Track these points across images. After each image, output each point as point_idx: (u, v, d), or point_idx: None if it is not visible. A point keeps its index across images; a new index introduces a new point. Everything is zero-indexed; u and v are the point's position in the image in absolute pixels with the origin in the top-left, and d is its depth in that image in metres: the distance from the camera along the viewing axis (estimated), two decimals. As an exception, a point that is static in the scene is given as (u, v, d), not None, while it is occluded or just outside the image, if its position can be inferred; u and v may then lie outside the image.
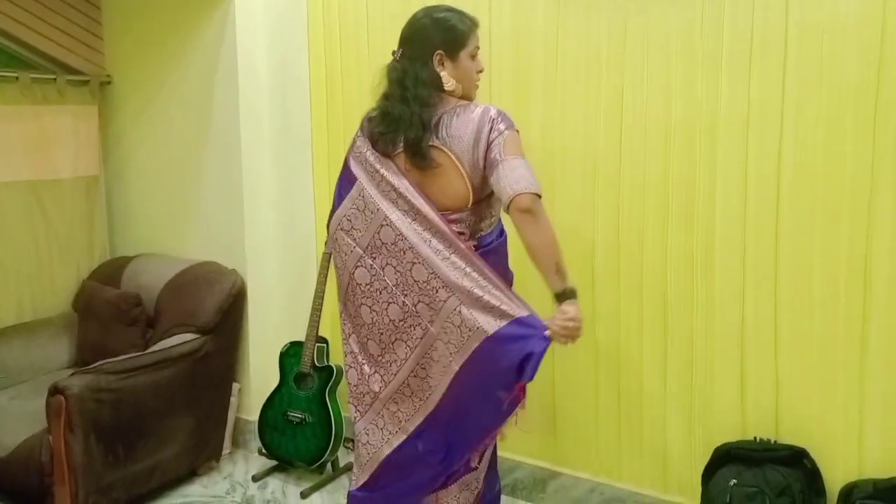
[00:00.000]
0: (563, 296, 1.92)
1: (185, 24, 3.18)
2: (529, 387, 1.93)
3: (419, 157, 1.95)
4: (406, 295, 1.98)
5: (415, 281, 1.96)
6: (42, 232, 3.35)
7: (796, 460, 2.18)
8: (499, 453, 2.80)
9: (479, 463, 2.21)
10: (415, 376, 2.04)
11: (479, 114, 1.95)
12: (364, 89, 2.92)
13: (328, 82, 3.09)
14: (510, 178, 1.89)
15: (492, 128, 1.93)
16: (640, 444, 2.53)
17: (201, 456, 2.97)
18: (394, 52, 2.06)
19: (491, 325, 1.88)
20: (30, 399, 2.78)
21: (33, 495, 2.58)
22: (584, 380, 2.61)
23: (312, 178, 3.16)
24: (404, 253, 1.96)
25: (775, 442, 2.25)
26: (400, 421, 2.08)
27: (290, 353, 2.94)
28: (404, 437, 2.08)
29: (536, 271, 1.97)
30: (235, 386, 3.14)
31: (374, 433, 2.13)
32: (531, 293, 2.07)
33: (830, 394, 2.19)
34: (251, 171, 3.12)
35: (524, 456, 2.77)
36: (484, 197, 2.04)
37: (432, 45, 1.99)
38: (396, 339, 2.03)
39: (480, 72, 2.07)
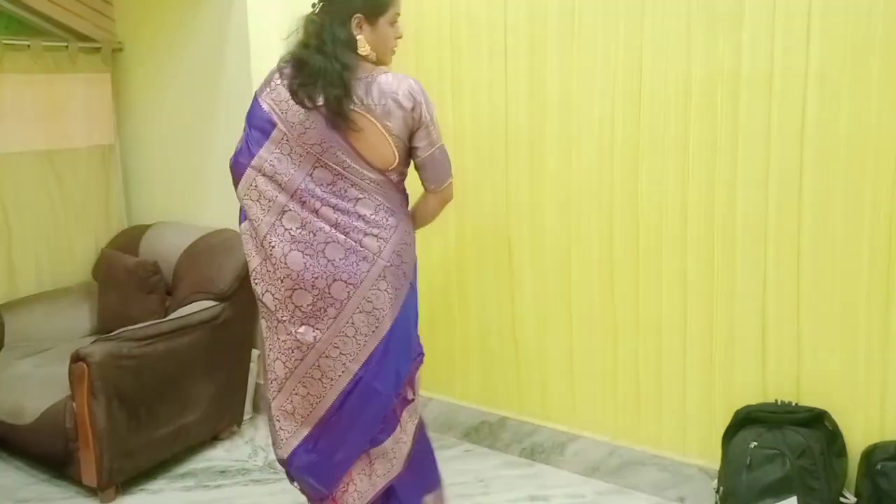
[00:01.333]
0: None
1: (196, -12, 3.14)
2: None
3: (341, 118, 1.85)
4: (346, 234, 1.90)
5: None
6: (59, 201, 3.37)
7: (817, 422, 2.17)
8: (517, 417, 2.83)
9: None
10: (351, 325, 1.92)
11: (404, 88, 1.87)
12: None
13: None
14: (445, 166, 1.97)
15: (423, 108, 1.89)
16: (659, 406, 2.53)
17: (223, 421, 3.01)
18: (314, 5, 1.97)
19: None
20: (53, 366, 2.81)
21: (59, 460, 2.64)
22: (603, 343, 2.61)
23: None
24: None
25: (796, 404, 2.24)
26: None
27: (308, 319, 2.94)
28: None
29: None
30: (254, 352, 3.16)
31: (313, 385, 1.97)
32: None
33: (852, 355, 2.17)
34: (265, 137, 3.10)
35: (543, 420, 2.78)
36: (401, 165, 1.97)
37: (352, 8, 1.90)
38: (336, 279, 1.90)
39: (399, 38, 2.00)
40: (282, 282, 1.92)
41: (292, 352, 1.96)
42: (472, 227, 2.82)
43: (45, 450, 2.68)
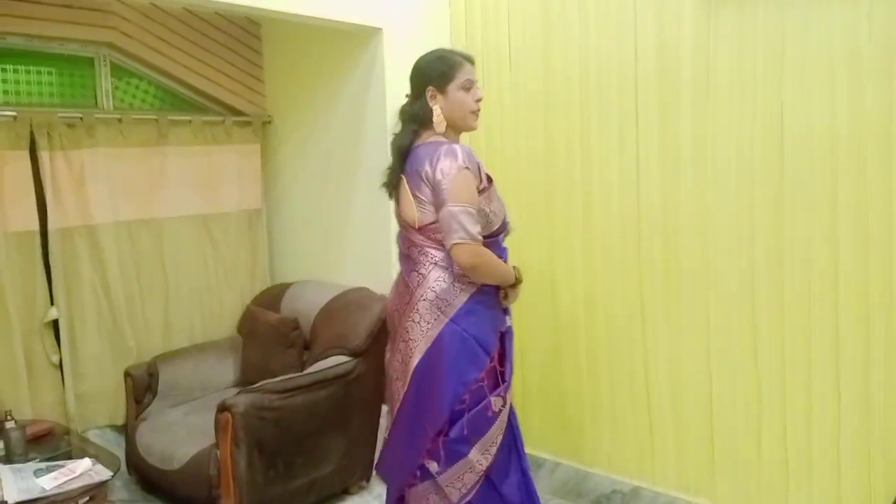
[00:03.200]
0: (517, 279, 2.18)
1: (339, 65, 3.37)
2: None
3: (388, 185, 2.22)
4: (404, 274, 2.24)
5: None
6: (211, 261, 3.64)
7: None
8: (651, 487, 2.71)
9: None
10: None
11: (431, 154, 2.06)
12: (507, 118, 3.00)
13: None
14: (451, 226, 2.01)
15: (437, 171, 2.03)
16: (810, 484, 2.34)
17: (353, 475, 3.06)
18: (406, 95, 2.24)
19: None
20: (200, 415, 2.99)
21: (202, 505, 2.77)
22: (746, 412, 2.47)
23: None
24: None
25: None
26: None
27: (437, 378, 2.98)
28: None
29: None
30: (384, 407, 3.22)
31: None
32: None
33: None
34: (399, 201, 3.23)
35: (680, 492, 2.64)
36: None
37: (424, 82, 2.17)
38: (394, 310, 2.26)
39: (479, 100, 2.17)
40: None
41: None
42: (603, 290, 2.78)
43: (190, 494, 2.81)
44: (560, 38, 2.79)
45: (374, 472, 3.16)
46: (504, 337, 2.18)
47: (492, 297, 2.14)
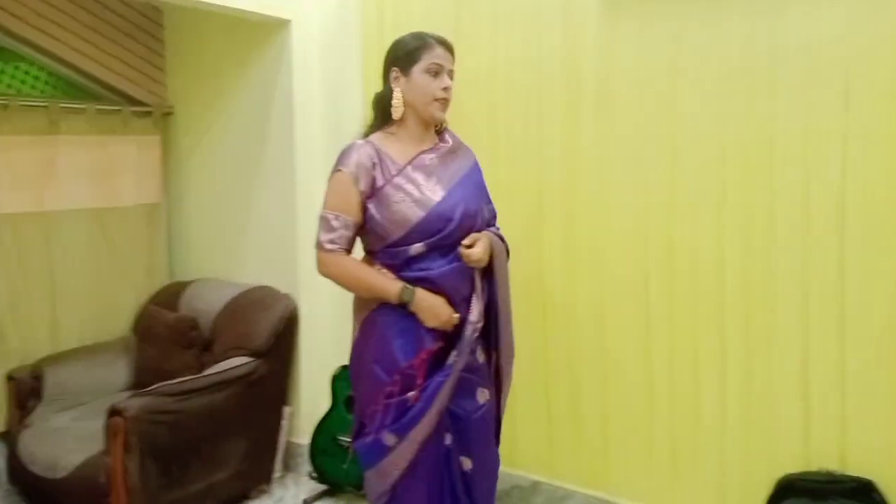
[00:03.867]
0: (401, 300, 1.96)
1: (244, 56, 3.28)
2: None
3: None
4: None
5: None
6: (105, 257, 3.46)
7: (863, 493, 2.09)
8: (550, 481, 2.77)
9: None
10: None
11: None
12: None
13: (380, 110, 3.13)
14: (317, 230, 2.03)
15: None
16: (696, 473, 2.45)
17: (253, 479, 2.99)
18: None
19: None
20: (89, 420, 2.84)
21: (92, 515, 2.64)
22: (638, 409, 2.56)
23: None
24: None
25: (840, 474, 2.15)
26: None
27: (342, 377, 2.95)
28: None
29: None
30: (287, 409, 3.17)
31: None
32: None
33: (899, 425, 2.09)
34: (305, 199, 3.18)
35: (577, 485, 2.71)
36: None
37: (390, 62, 2.03)
38: None
39: (445, 89, 2.00)
40: None
41: None
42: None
43: (78, 504, 2.69)
44: (470, 39, 2.81)
45: (274, 476, 3.10)
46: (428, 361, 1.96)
47: (394, 313, 1.98)
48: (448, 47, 2.02)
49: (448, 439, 2.02)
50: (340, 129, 3.22)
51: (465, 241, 1.98)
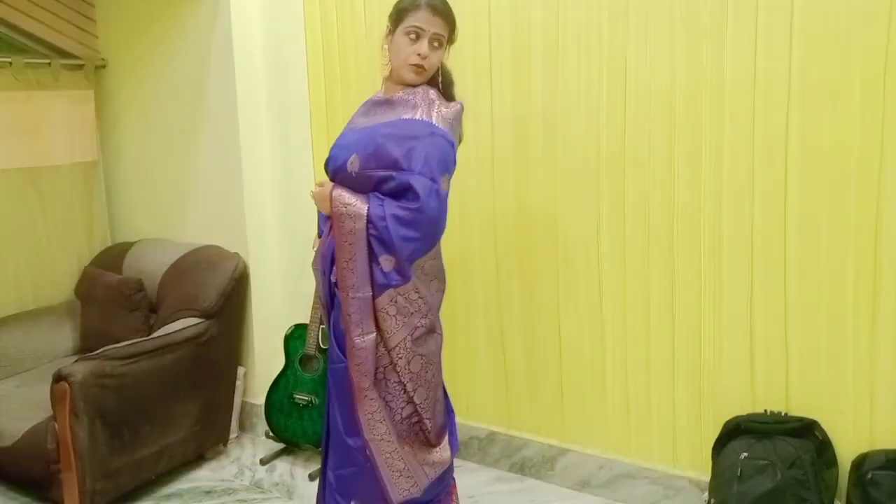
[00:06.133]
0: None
1: (180, 4, 3.12)
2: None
3: None
4: None
5: None
6: (40, 219, 3.32)
7: (807, 432, 2.17)
8: (506, 432, 2.81)
9: None
10: None
11: None
12: (362, 63, 2.92)
13: (325, 58, 3.04)
14: None
15: None
16: (649, 419, 2.51)
17: (208, 440, 2.96)
18: None
19: None
20: (34, 387, 2.77)
21: (40, 483, 2.58)
22: (591, 356, 2.60)
23: (312, 157, 3.12)
24: None
25: (786, 414, 2.23)
26: None
27: (295, 336, 2.92)
28: None
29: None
30: (241, 370, 3.13)
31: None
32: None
33: (840, 364, 2.17)
34: (250, 153, 3.09)
35: (532, 434, 2.76)
36: None
37: (389, 16, 2.03)
38: None
39: (420, 55, 1.95)
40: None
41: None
42: (460, 239, 2.81)
43: (25, 472, 2.62)
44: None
45: (231, 436, 3.08)
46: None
47: None
48: (438, 11, 1.95)
49: None
50: (284, 81, 3.12)
51: (316, 182, 2.08)
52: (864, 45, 2.02)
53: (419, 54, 1.95)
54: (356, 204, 1.90)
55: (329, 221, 1.99)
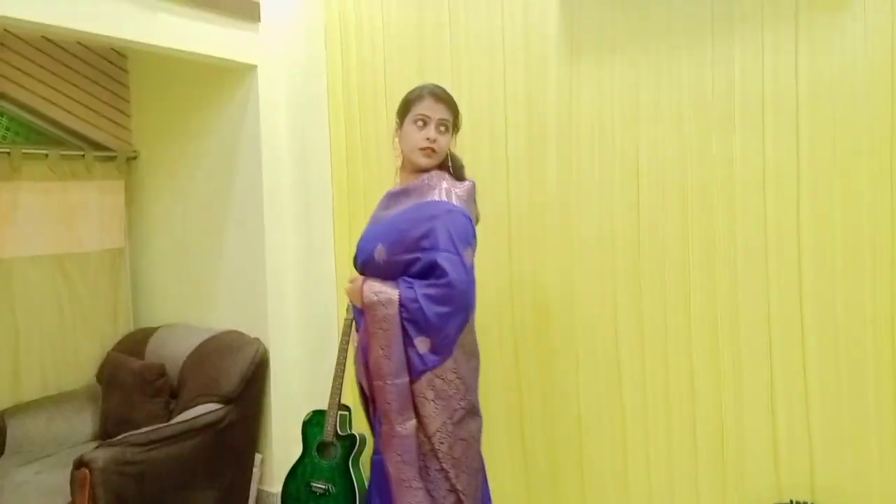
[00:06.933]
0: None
1: (210, 100, 3.28)
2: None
3: None
4: None
5: None
6: (67, 304, 3.39)
7: (835, 524, 2.12)
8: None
9: None
10: None
11: None
12: (383, 158, 3.02)
13: (348, 153, 3.16)
14: None
15: None
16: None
17: (224, 529, 2.92)
18: None
19: None
20: (53, 473, 2.76)
21: (55, 573, 2.55)
22: (612, 447, 2.57)
23: (333, 247, 3.20)
24: None
25: (812, 505, 2.20)
26: None
27: (313, 422, 2.92)
28: None
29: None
30: (258, 457, 3.11)
31: None
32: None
33: (866, 453, 2.14)
34: (273, 242, 3.17)
35: (553, 524, 2.70)
36: None
37: (396, 112, 2.20)
38: None
39: (429, 139, 2.08)
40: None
41: None
42: (479, 323, 2.83)
43: (40, 561, 2.59)
44: (434, 81, 2.86)
45: (246, 525, 3.03)
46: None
47: None
48: (441, 98, 2.11)
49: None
50: (307, 173, 3.24)
51: (349, 277, 2.17)
52: (870, 133, 2.09)
53: (428, 138, 2.08)
54: (386, 291, 1.97)
55: (364, 315, 2.04)
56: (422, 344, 1.93)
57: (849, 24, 2.11)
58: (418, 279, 1.95)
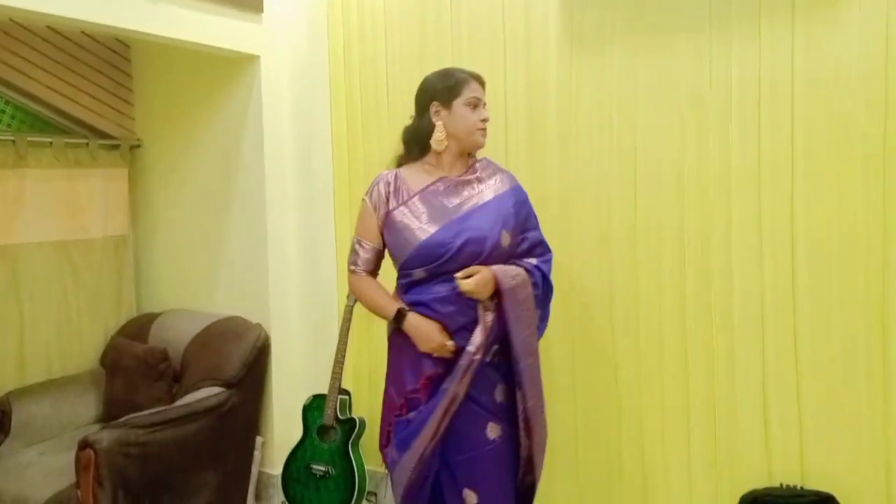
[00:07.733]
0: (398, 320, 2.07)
1: (213, 90, 3.32)
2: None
3: None
4: None
5: None
6: (71, 290, 3.44)
7: (824, 506, 2.17)
8: None
9: None
10: None
11: None
12: (384, 146, 3.06)
13: (349, 140, 3.19)
14: None
15: None
16: (667, 493, 2.51)
17: (225, 511, 2.97)
18: (411, 116, 2.21)
19: None
20: (57, 454, 2.81)
21: (61, 551, 2.59)
22: (607, 430, 2.61)
23: (335, 233, 3.25)
24: None
25: (802, 488, 2.23)
26: None
27: (313, 406, 2.97)
28: None
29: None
30: (259, 440, 3.16)
31: None
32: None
33: (856, 438, 2.18)
34: (275, 229, 3.21)
35: (548, 507, 2.75)
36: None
37: (429, 98, 2.13)
38: None
39: (484, 120, 2.14)
40: None
41: None
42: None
43: (46, 540, 2.64)
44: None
45: (247, 506, 3.09)
46: (431, 385, 2.03)
47: (407, 337, 2.05)
48: (482, 82, 2.17)
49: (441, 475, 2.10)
50: (309, 162, 3.27)
51: (460, 274, 1.98)
52: (864, 129, 2.13)
53: (483, 119, 2.14)
54: (520, 273, 2.07)
55: (476, 312, 2.00)
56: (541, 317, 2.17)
57: (844, 22, 2.14)
58: (522, 259, 2.12)
